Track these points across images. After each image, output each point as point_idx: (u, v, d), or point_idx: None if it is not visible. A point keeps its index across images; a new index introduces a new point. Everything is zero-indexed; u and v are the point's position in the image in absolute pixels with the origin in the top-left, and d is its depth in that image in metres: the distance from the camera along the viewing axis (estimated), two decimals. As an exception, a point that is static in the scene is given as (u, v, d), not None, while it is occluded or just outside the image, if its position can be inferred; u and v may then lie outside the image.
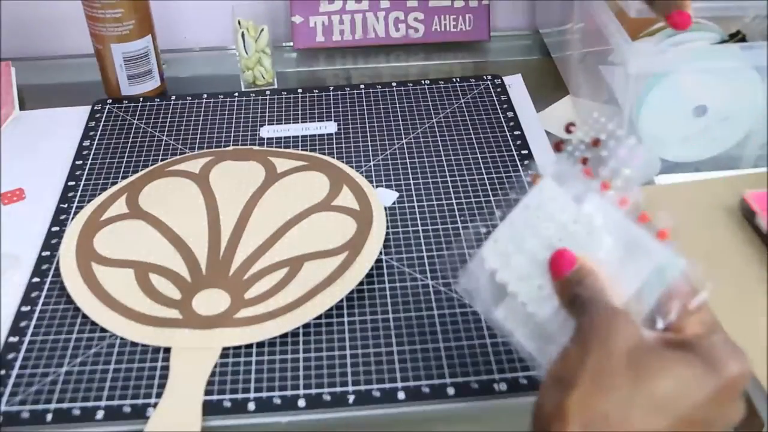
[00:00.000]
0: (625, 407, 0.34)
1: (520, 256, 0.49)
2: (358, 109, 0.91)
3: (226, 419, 0.57)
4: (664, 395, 0.35)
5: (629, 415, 0.34)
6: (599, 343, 0.37)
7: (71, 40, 1.01)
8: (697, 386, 0.35)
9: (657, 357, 0.37)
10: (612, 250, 0.48)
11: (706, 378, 0.36)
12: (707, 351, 0.37)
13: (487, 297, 0.50)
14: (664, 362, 0.37)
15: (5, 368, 0.61)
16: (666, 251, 0.50)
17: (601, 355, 0.36)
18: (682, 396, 0.35)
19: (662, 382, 0.36)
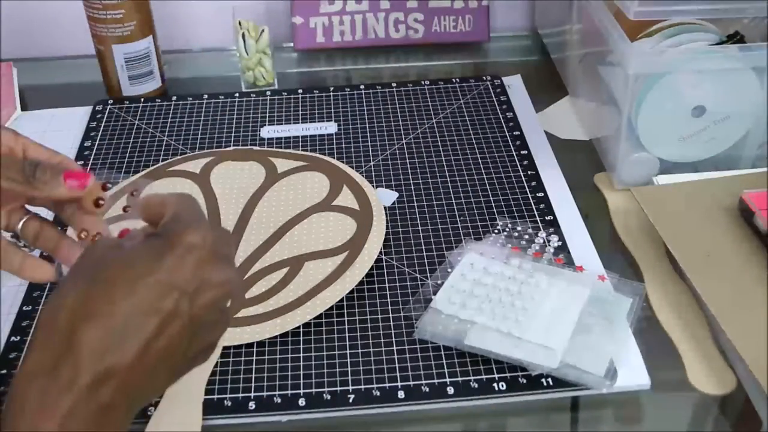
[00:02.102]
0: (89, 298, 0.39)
1: (473, 299, 0.63)
2: (358, 109, 0.91)
3: (226, 419, 0.57)
4: (132, 269, 0.40)
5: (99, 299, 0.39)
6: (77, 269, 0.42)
7: (73, 41, 1.01)
8: (156, 256, 0.40)
9: (116, 251, 0.41)
10: (550, 284, 0.63)
11: (163, 249, 0.40)
12: (164, 231, 0.42)
13: (451, 334, 0.61)
14: (121, 252, 0.41)
15: (7, 368, 0.61)
16: (589, 276, 0.66)
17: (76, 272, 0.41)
18: (148, 269, 0.40)
19: (124, 264, 0.40)
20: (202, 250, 0.41)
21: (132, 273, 0.40)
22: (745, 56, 0.70)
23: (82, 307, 0.39)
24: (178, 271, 0.40)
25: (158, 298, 0.39)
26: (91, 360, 0.37)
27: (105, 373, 0.37)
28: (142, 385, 0.39)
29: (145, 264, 0.40)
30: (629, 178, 0.77)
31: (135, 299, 0.39)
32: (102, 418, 0.38)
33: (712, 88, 0.72)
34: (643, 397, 0.59)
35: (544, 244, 0.70)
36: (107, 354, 0.38)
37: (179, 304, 0.40)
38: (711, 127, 0.74)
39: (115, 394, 0.38)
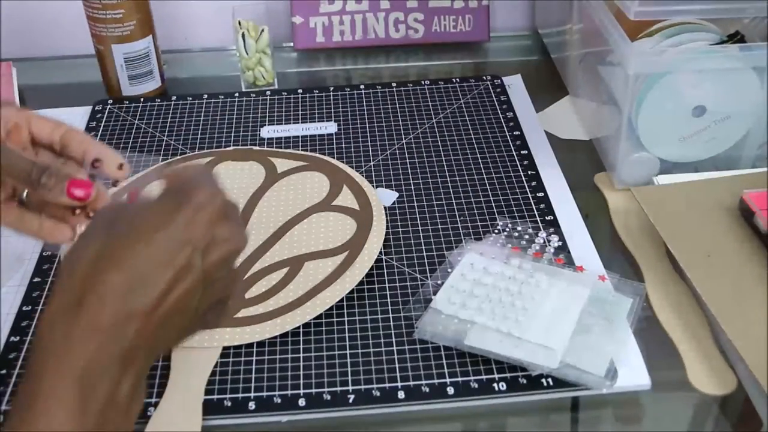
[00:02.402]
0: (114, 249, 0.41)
1: (473, 299, 0.62)
2: (358, 109, 0.91)
3: (226, 419, 0.57)
4: (149, 223, 0.42)
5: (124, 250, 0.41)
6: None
7: (72, 41, 1.01)
8: (170, 212, 0.42)
9: (131, 208, 0.44)
10: (550, 284, 0.63)
11: (176, 206, 0.42)
12: (176, 190, 0.44)
13: (450, 334, 0.60)
14: (136, 208, 0.44)
15: (7, 368, 0.61)
16: (589, 276, 0.66)
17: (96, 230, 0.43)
18: (163, 224, 0.42)
19: (141, 218, 0.42)
20: (213, 208, 0.43)
21: (148, 227, 0.41)
22: (746, 56, 0.70)
23: (103, 256, 0.40)
24: (190, 227, 0.42)
25: (173, 252, 0.41)
26: (113, 302, 0.39)
27: (126, 315, 0.39)
28: (158, 335, 0.41)
29: (160, 219, 0.42)
30: (629, 178, 0.77)
31: (152, 251, 0.41)
32: (123, 362, 0.39)
33: (712, 88, 0.72)
34: (643, 397, 0.58)
35: (544, 244, 0.70)
36: (128, 298, 0.39)
37: (192, 258, 0.42)
38: (711, 127, 0.74)
39: (135, 338, 0.39)
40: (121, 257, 0.40)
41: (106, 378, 0.39)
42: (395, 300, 0.66)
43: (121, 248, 0.41)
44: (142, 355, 0.41)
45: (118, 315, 0.39)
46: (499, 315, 0.61)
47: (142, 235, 0.41)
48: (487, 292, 0.63)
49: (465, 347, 0.60)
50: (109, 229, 0.42)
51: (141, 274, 0.40)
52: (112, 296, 0.39)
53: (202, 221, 0.43)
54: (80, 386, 0.38)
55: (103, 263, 0.40)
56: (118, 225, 0.42)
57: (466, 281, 0.64)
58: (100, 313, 0.39)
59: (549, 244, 0.70)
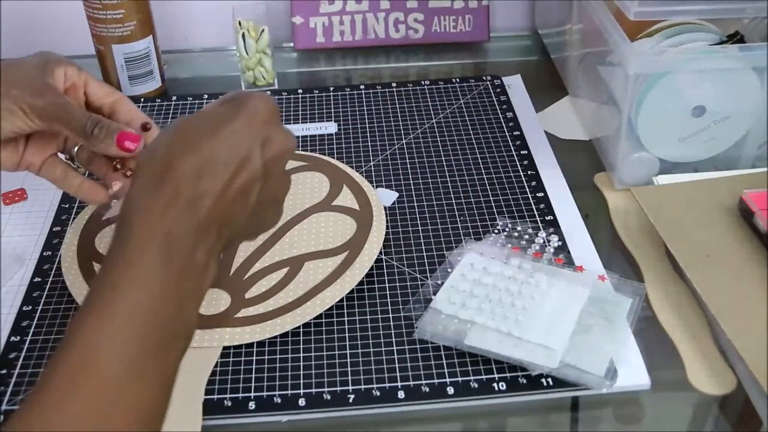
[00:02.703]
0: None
1: (473, 299, 0.62)
2: (358, 109, 0.91)
3: (226, 419, 0.57)
4: (214, 121, 0.48)
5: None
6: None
7: (72, 41, 1.01)
8: (231, 115, 0.48)
9: (197, 114, 0.49)
10: (549, 284, 0.63)
11: (236, 109, 0.48)
12: (234, 97, 0.50)
13: (450, 334, 0.61)
14: (206, 112, 0.49)
15: (7, 368, 0.61)
16: (589, 276, 0.66)
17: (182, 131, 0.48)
18: (227, 122, 0.47)
19: (207, 118, 0.48)
20: (266, 112, 0.49)
21: (214, 124, 0.47)
22: (745, 56, 0.70)
23: (176, 146, 0.46)
24: (250, 125, 0.48)
25: (237, 144, 0.47)
26: (189, 180, 0.45)
27: (201, 192, 0.45)
28: (226, 216, 0.46)
29: (224, 118, 0.48)
30: (629, 178, 0.77)
31: (218, 143, 0.46)
32: (197, 234, 0.44)
33: (712, 88, 0.72)
34: (643, 397, 0.59)
35: (544, 244, 0.70)
36: (201, 178, 0.45)
37: (253, 151, 0.47)
38: (711, 127, 0.74)
39: (206, 214, 0.45)
40: (192, 146, 0.46)
41: (184, 243, 0.44)
42: (395, 300, 0.66)
43: (192, 139, 0.46)
44: (214, 231, 0.46)
45: (192, 193, 0.44)
46: (499, 315, 0.61)
47: (209, 130, 0.47)
48: (487, 292, 0.63)
49: (465, 347, 0.60)
50: (181, 127, 0.47)
51: (210, 160, 0.45)
52: (188, 177, 0.45)
53: (258, 121, 0.48)
54: (163, 245, 0.43)
55: (176, 152, 0.45)
56: (188, 124, 0.47)
57: (466, 281, 0.64)
58: (178, 190, 0.44)
59: (549, 244, 0.70)
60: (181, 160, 0.45)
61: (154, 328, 0.42)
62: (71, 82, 0.61)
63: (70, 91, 0.61)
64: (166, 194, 0.44)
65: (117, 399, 0.40)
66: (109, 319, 0.41)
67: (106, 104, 0.61)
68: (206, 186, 0.45)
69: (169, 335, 0.43)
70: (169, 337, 0.43)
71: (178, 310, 0.43)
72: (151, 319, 0.42)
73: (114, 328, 0.41)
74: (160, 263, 0.43)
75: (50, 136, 0.62)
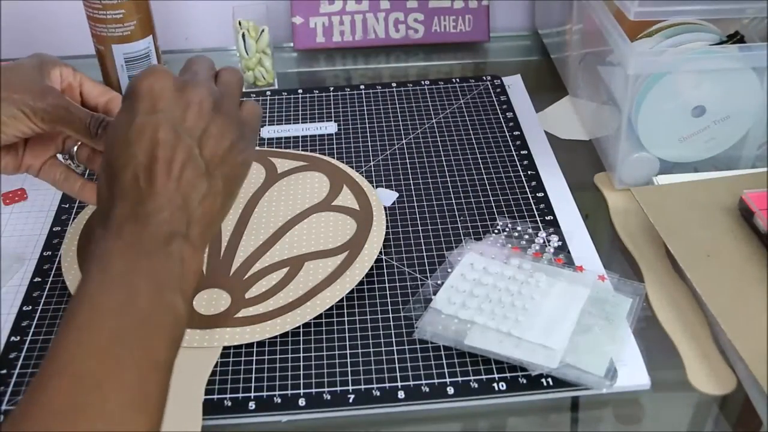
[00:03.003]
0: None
1: (473, 299, 0.62)
2: (358, 109, 0.91)
3: (226, 419, 0.57)
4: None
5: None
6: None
7: (72, 41, 1.01)
8: (127, 115, 0.49)
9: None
10: (549, 284, 0.63)
11: (129, 106, 0.49)
12: (129, 90, 0.50)
13: (450, 334, 0.61)
14: (118, 119, 0.50)
15: (7, 368, 0.61)
16: (589, 276, 0.65)
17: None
18: (126, 123, 0.48)
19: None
20: (160, 84, 0.49)
21: (124, 130, 0.48)
22: (745, 56, 0.70)
23: (114, 157, 0.48)
24: (150, 112, 0.48)
25: (150, 138, 0.47)
26: (132, 189, 0.47)
27: (143, 196, 0.46)
28: (183, 196, 0.47)
29: (126, 123, 0.48)
30: (629, 178, 0.77)
31: (136, 146, 0.47)
32: (160, 228, 0.46)
33: (712, 88, 0.72)
34: (643, 397, 0.59)
35: (544, 244, 0.70)
36: (138, 181, 0.47)
37: (166, 131, 0.47)
38: (711, 127, 0.74)
39: (158, 210, 0.46)
40: (123, 154, 0.47)
41: (149, 240, 0.45)
42: (395, 300, 0.66)
43: (120, 148, 0.47)
44: (177, 217, 0.46)
45: (137, 198, 0.46)
46: (499, 315, 0.61)
47: (123, 138, 0.48)
48: (487, 292, 0.63)
49: (465, 347, 0.60)
50: (109, 138, 0.50)
51: (139, 166, 0.47)
52: (128, 186, 0.47)
53: (156, 101, 0.48)
54: (128, 245, 0.45)
55: (116, 161, 0.47)
56: (111, 137, 0.49)
57: (466, 281, 0.64)
58: (126, 199, 0.46)
59: (549, 244, 0.70)
60: (121, 171, 0.47)
61: (131, 321, 0.42)
62: (67, 83, 0.61)
63: (66, 92, 0.61)
64: (117, 204, 0.46)
65: (97, 386, 0.39)
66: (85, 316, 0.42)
67: (101, 104, 0.62)
68: (145, 188, 0.46)
69: (149, 326, 0.43)
70: (149, 327, 0.43)
71: (156, 302, 0.44)
72: (126, 312, 0.42)
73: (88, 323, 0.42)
74: (125, 266, 0.44)
75: (49, 139, 0.62)
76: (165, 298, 0.44)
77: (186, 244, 0.46)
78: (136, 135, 0.47)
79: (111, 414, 0.39)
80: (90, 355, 0.40)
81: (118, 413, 0.39)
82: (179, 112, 0.48)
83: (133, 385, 0.41)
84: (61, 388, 0.39)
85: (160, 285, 0.44)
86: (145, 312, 0.43)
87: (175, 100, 0.49)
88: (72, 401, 0.39)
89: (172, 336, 0.44)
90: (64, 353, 0.41)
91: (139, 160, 0.46)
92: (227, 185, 0.50)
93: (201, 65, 0.54)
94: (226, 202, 0.51)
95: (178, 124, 0.48)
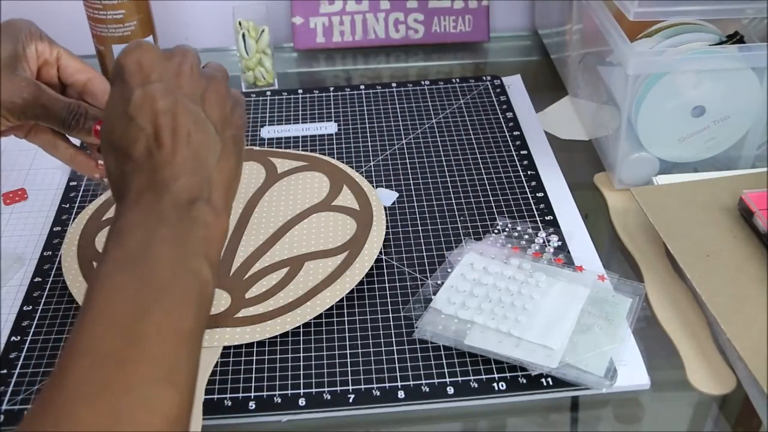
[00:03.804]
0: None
1: (473, 299, 0.62)
2: (358, 109, 0.91)
3: (226, 419, 0.57)
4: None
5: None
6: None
7: (72, 41, 1.01)
8: (120, 90, 0.48)
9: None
10: (549, 284, 0.64)
11: (119, 84, 0.48)
12: (114, 72, 0.49)
13: (450, 334, 0.61)
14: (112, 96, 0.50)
15: (7, 367, 0.61)
16: (589, 276, 0.65)
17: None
18: (123, 97, 0.47)
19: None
20: (144, 58, 0.48)
21: (122, 106, 0.47)
22: (745, 56, 0.70)
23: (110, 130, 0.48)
24: (143, 82, 0.47)
25: (149, 107, 0.46)
26: (144, 165, 0.46)
27: (156, 164, 0.46)
28: (188, 164, 0.46)
29: (122, 98, 0.47)
30: (629, 178, 0.77)
31: (133, 119, 0.46)
32: (175, 188, 0.45)
33: (711, 88, 0.72)
34: (643, 397, 0.59)
35: (543, 244, 0.70)
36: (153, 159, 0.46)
37: (163, 99, 0.47)
38: (711, 127, 0.74)
39: (165, 172, 0.45)
40: (121, 123, 0.47)
41: (158, 197, 0.45)
42: (395, 300, 0.66)
43: (119, 121, 0.47)
44: (184, 177, 0.45)
45: (150, 168, 0.46)
46: (498, 315, 0.61)
47: (121, 113, 0.47)
48: (486, 292, 0.63)
49: (465, 347, 0.60)
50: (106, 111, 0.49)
51: (137, 139, 0.46)
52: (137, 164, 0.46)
53: (145, 72, 0.47)
54: (143, 205, 0.45)
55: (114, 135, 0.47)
56: (107, 113, 0.49)
57: (466, 281, 0.64)
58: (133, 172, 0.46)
59: (549, 244, 0.70)
60: (131, 147, 0.46)
61: (153, 292, 0.41)
62: (43, 59, 0.59)
63: (42, 70, 0.59)
64: (133, 178, 0.45)
65: (119, 364, 0.38)
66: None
67: (79, 81, 0.60)
68: (158, 157, 0.45)
69: (173, 295, 0.41)
70: (173, 297, 0.41)
71: (180, 269, 0.42)
72: (146, 284, 0.41)
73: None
74: (144, 237, 0.43)
75: None
76: (189, 265, 0.43)
77: (208, 208, 0.45)
78: (136, 109, 0.46)
79: (135, 390, 0.38)
80: (110, 333, 0.39)
81: (143, 388, 0.38)
82: (174, 78, 0.48)
83: (157, 358, 0.39)
84: (83, 370, 0.38)
85: (183, 252, 0.43)
86: (167, 281, 0.42)
87: (166, 69, 0.48)
88: (93, 381, 0.37)
89: (198, 303, 0.42)
90: (85, 335, 0.39)
91: (148, 132, 0.45)
92: (237, 147, 0.50)
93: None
94: (239, 165, 0.50)
95: (176, 90, 0.47)
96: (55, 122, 0.57)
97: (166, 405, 0.38)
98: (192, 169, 0.46)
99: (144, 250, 0.42)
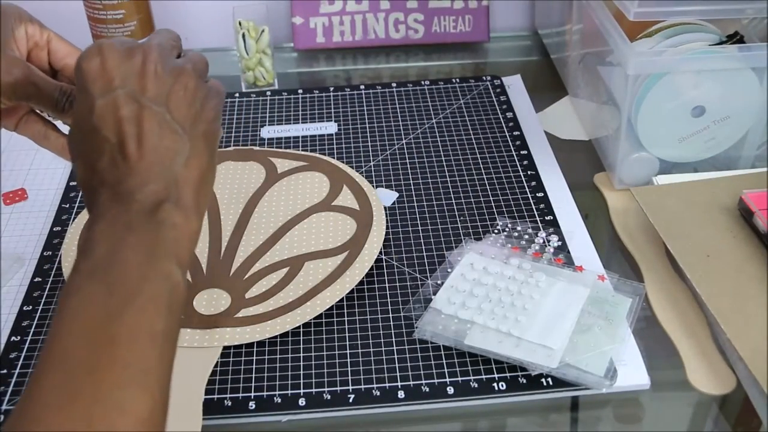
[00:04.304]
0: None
1: (473, 299, 0.63)
2: (358, 109, 0.91)
3: (226, 419, 0.57)
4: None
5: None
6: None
7: (73, 41, 1.01)
8: (83, 100, 0.47)
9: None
10: (549, 284, 0.64)
11: (81, 93, 0.48)
12: (78, 79, 0.48)
13: (450, 334, 0.61)
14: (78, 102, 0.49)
15: (7, 367, 0.61)
16: (589, 276, 0.65)
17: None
18: (87, 104, 0.47)
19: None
20: (112, 55, 0.47)
21: (87, 108, 0.47)
22: (745, 56, 0.70)
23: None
24: (105, 86, 0.47)
25: (112, 107, 0.46)
26: (108, 165, 0.46)
27: (115, 161, 0.46)
28: (155, 167, 0.46)
29: (86, 105, 0.47)
30: (629, 178, 0.77)
31: (101, 119, 0.46)
32: (140, 191, 0.45)
33: (711, 88, 0.72)
34: (643, 397, 0.59)
35: (543, 244, 0.70)
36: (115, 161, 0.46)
37: (126, 104, 0.46)
38: (711, 127, 0.74)
39: (132, 173, 0.45)
40: (88, 128, 0.46)
41: (126, 199, 0.45)
42: (395, 300, 0.66)
43: (89, 125, 0.46)
44: (154, 183, 0.45)
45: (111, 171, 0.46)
46: (498, 315, 0.61)
47: (87, 118, 0.47)
48: (486, 292, 0.63)
49: (465, 347, 0.60)
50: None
51: (106, 139, 0.46)
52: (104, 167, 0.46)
53: (108, 73, 0.47)
54: (107, 205, 0.44)
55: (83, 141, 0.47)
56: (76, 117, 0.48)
57: (466, 281, 0.65)
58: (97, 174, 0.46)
59: (549, 244, 0.70)
60: (97, 159, 0.46)
61: (122, 297, 0.41)
62: (33, 42, 0.58)
63: (32, 53, 0.59)
64: (100, 191, 0.45)
65: (89, 372, 0.39)
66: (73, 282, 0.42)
67: (69, 65, 0.59)
68: (123, 167, 0.45)
69: (142, 298, 0.41)
70: (142, 299, 0.41)
71: (148, 272, 0.42)
72: (115, 290, 0.41)
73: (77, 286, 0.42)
74: (110, 246, 0.43)
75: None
76: (158, 267, 0.43)
77: (176, 209, 0.45)
78: (99, 120, 0.45)
79: (106, 396, 0.38)
80: (81, 342, 0.39)
81: (115, 393, 0.38)
82: (136, 82, 0.46)
83: (129, 361, 0.39)
84: (55, 380, 0.38)
85: (151, 255, 0.43)
86: (135, 285, 0.42)
87: (129, 70, 0.47)
88: (65, 390, 0.38)
89: (169, 304, 0.42)
90: (56, 346, 0.40)
91: (113, 143, 0.45)
92: (208, 143, 0.49)
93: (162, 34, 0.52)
94: (212, 160, 0.49)
95: (140, 95, 0.46)
96: (48, 104, 0.56)
97: (139, 407, 0.39)
98: (157, 174, 0.45)
99: (111, 257, 0.42)
